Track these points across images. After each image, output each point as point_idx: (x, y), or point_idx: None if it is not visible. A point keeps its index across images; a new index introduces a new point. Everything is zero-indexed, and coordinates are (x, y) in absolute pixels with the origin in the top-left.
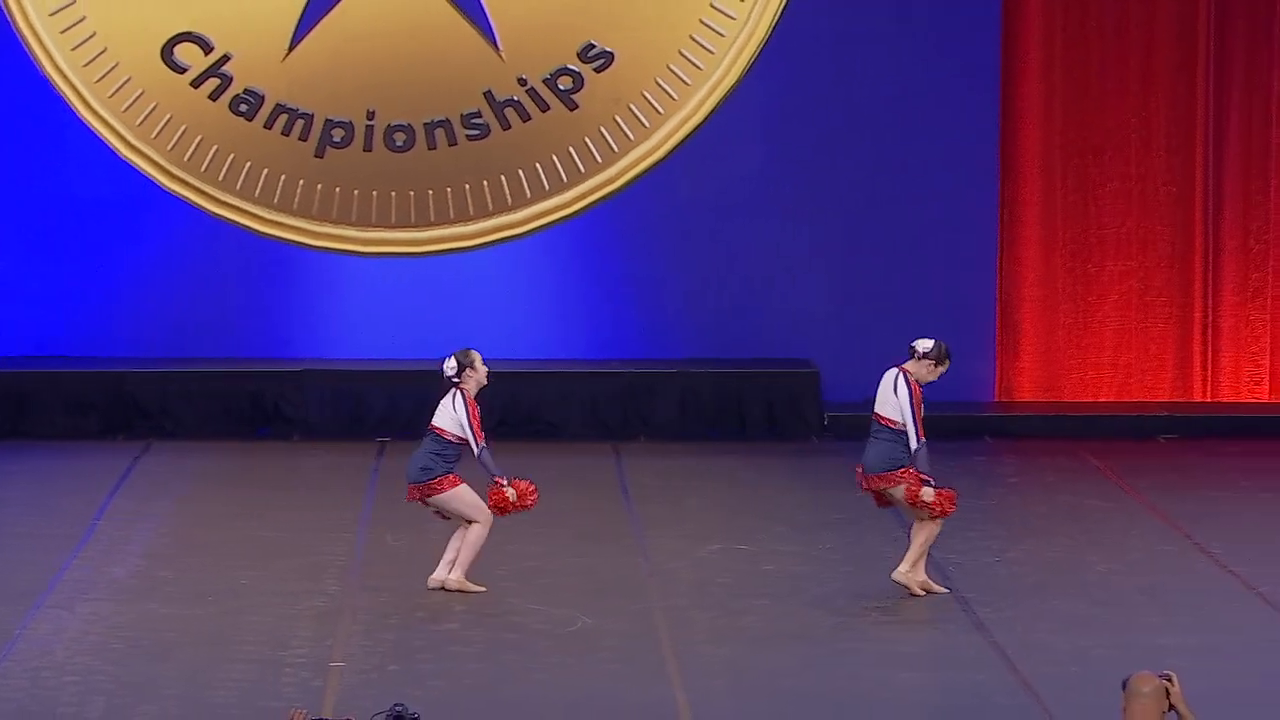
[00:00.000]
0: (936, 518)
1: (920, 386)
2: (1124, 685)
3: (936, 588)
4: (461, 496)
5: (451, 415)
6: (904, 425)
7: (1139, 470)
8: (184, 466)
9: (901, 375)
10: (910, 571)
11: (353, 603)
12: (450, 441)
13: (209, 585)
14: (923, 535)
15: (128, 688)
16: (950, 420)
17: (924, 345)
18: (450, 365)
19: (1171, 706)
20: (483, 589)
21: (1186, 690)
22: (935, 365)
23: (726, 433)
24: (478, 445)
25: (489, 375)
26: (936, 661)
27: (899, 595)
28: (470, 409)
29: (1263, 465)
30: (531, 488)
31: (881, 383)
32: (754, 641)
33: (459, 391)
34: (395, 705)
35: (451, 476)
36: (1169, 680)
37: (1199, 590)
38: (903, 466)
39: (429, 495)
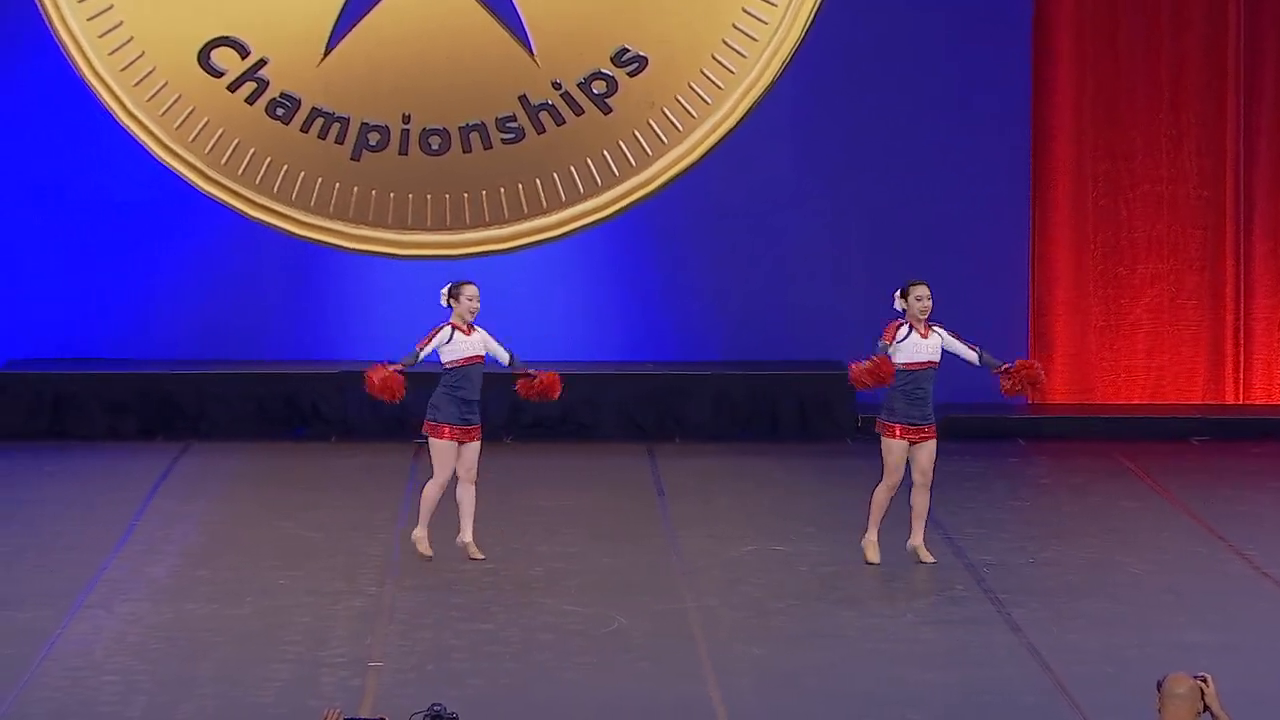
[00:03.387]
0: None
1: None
2: (1159, 686)
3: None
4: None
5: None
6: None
7: (1171, 472)
8: (222, 467)
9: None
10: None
11: (390, 602)
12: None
13: (247, 585)
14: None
15: (167, 687)
16: (984, 422)
17: None
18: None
19: (1206, 708)
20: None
21: (1220, 692)
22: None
23: (759, 434)
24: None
25: (469, 299)
26: (968, 661)
27: (930, 596)
28: (431, 334)
29: None
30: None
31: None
32: (785, 641)
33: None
34: (434, 705)
35: (426, 423)
36: (1204, 682)
37: (1231, 591)
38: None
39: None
